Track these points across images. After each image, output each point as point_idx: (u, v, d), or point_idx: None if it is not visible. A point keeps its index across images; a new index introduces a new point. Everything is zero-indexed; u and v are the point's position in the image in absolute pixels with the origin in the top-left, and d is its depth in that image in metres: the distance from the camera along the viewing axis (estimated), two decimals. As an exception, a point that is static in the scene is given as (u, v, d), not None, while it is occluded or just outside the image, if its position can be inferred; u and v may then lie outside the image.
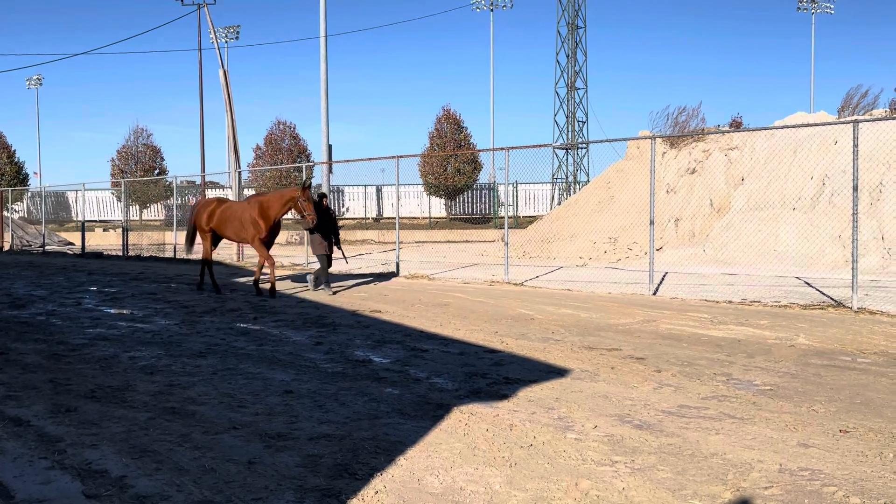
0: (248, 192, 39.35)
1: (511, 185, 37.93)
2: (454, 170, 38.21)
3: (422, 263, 18.61)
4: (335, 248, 12.72)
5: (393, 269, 16.60)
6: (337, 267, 18.20)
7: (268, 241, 12.37)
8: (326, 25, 20.77)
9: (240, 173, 21.07)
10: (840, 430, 4.60)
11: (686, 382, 5.96)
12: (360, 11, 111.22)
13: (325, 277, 12.59)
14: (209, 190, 43.49)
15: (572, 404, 5.28)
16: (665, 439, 4.46)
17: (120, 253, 24.40)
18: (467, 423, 4.83)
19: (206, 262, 13.22)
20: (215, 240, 13.42)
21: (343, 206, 41.61)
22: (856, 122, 9.91)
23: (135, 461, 4.08)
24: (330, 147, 23.53)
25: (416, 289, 13.20)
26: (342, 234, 13.26)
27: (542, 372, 6.35)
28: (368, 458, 4.11)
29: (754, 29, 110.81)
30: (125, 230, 24.81)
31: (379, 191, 42.12)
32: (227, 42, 51.64)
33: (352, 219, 40.44)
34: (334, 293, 12.28)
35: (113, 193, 43.77)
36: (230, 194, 22.38)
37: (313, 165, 20.94)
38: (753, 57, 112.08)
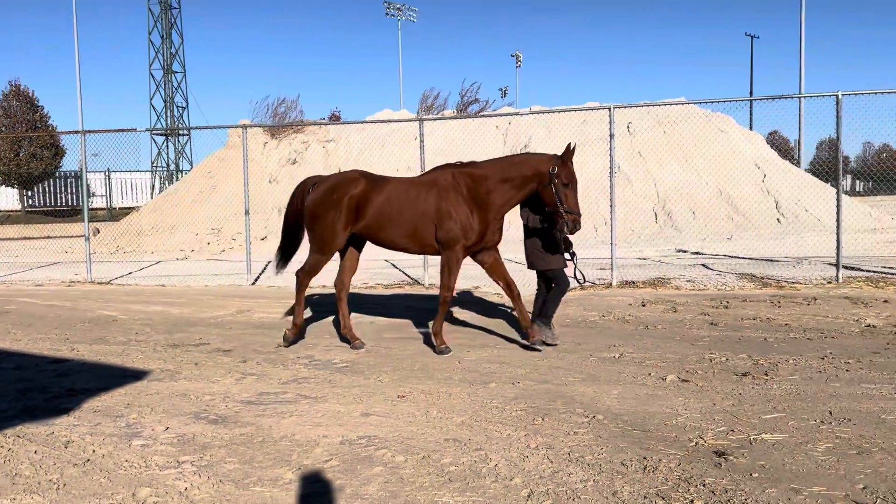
0: None
1: (102, 173, 34.37)
2: (29, 155, 33.05)
3: (-16, 265, 15.70)
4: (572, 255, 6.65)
5: (-60, 273, 13.68)
6: None
7: (478, 249, 6.54)
8: None
9: None
10: (398, 396, 5.12)
11: (270, 369, 6.04)
12: None
13: (550, 316, 6.71)
14: None
15: (145, 408, 4.94)
16: (238, 430, 4.44)
17: None
18: (11, 447, 4.17)
19: (340, 294, 7.09)
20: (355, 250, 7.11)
21: None
22: (421, 120, 11.30)
23: None
24: None
25: (-29, 296, 11.08)
26: None
27: (117, 377, 5.83)
28: None
29: (350, 30, 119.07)
30: None
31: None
32: None
33: None
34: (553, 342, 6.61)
35: None
36: None
37: None
38: (350, 56, 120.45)
